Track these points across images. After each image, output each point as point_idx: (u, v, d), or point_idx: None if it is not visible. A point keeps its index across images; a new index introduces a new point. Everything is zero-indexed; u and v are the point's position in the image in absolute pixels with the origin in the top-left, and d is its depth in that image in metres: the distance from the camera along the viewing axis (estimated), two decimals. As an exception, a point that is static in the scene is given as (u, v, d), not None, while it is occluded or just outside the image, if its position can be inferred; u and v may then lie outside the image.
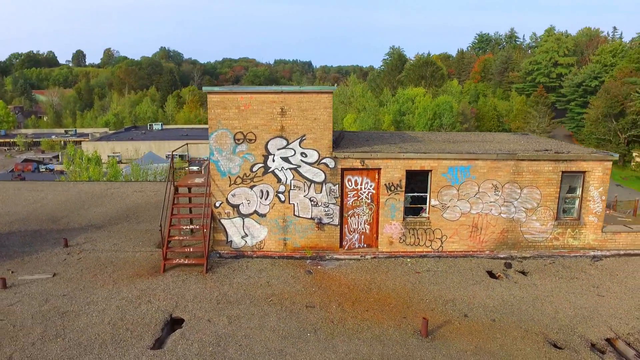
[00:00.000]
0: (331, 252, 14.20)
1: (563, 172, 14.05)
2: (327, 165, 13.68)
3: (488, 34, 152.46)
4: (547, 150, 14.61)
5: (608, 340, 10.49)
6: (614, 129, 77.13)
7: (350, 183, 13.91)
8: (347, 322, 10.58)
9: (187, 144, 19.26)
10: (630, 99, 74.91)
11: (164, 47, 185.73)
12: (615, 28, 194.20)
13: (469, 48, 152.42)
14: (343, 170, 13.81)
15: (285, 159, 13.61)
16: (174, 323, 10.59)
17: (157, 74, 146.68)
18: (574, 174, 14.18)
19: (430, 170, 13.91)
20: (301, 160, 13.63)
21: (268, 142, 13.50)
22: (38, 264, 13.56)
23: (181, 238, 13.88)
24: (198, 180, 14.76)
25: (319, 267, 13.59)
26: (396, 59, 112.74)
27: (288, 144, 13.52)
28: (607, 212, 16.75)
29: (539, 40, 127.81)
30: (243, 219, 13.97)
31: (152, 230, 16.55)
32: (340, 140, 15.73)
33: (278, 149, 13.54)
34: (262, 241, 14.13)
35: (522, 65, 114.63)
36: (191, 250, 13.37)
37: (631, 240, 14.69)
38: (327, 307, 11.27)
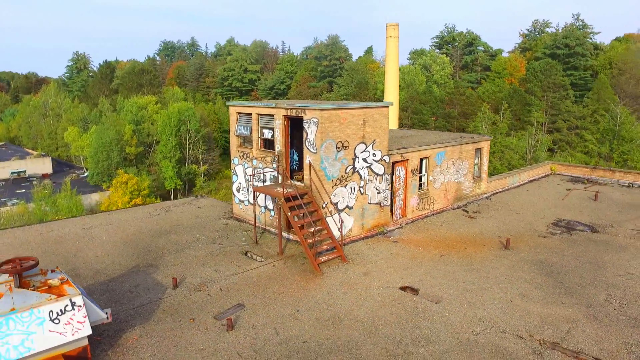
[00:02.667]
0: (384, 226, 18.71)
1: (475, 149, 23.10)
2: (385, 161, 18.09)
3: (172, 41, 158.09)
4: (463, 137, 23.35)
5: (550, 231, 19.97)
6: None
7: (397, 172, 18.76)
8: (472, 256, 16.16)
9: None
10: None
11: None
12: (283, 42, 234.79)
13: (157, 55, 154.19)
14: (393, 163, 18.52)
15: (364, 160, 17.24)
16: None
17: None
18: (478, 150, 23.46)
19: (429, 157, 20.31)
20: (372, 159, 17.55)
21: (356, 147, 16.80)
22: (189, 309, 12.60)
23: (310, 241, 15.45)
24: (288, 190, 16.18)
25: (391, 237, 18.01)
26: (105, 67, 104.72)
27: (366, 147, 17.19)
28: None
29: (223, 49, 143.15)
30: (339, 214, 16.74)
31: (213, 252, 16.36)
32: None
33: (361, 152, 17.03)
34: (350, 229, 17.27)
35: (217, 71, 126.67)
36: (327, 248, 15.39)
37: (494, 185, 25.31)
38: (447, 253, 16.40)
